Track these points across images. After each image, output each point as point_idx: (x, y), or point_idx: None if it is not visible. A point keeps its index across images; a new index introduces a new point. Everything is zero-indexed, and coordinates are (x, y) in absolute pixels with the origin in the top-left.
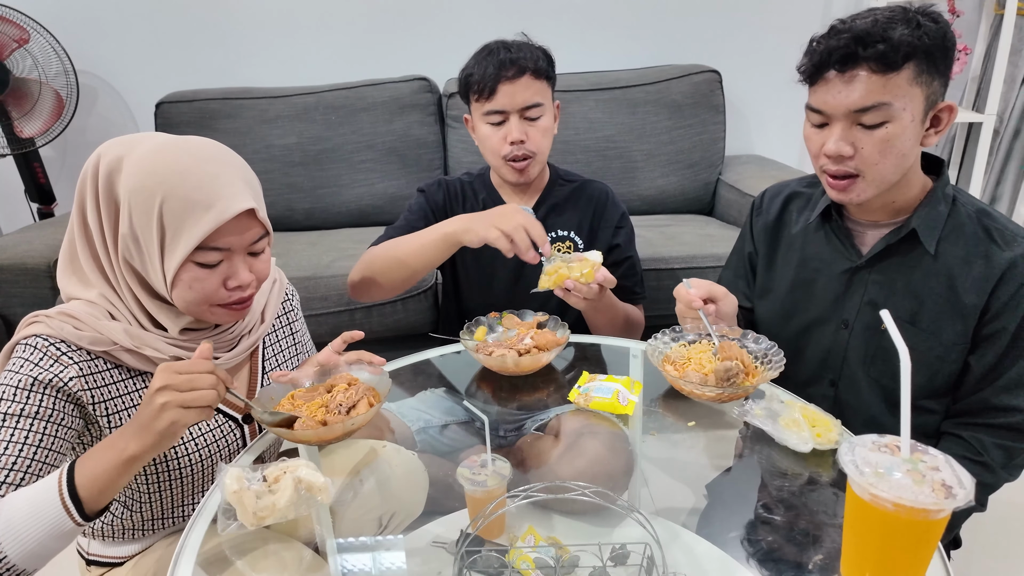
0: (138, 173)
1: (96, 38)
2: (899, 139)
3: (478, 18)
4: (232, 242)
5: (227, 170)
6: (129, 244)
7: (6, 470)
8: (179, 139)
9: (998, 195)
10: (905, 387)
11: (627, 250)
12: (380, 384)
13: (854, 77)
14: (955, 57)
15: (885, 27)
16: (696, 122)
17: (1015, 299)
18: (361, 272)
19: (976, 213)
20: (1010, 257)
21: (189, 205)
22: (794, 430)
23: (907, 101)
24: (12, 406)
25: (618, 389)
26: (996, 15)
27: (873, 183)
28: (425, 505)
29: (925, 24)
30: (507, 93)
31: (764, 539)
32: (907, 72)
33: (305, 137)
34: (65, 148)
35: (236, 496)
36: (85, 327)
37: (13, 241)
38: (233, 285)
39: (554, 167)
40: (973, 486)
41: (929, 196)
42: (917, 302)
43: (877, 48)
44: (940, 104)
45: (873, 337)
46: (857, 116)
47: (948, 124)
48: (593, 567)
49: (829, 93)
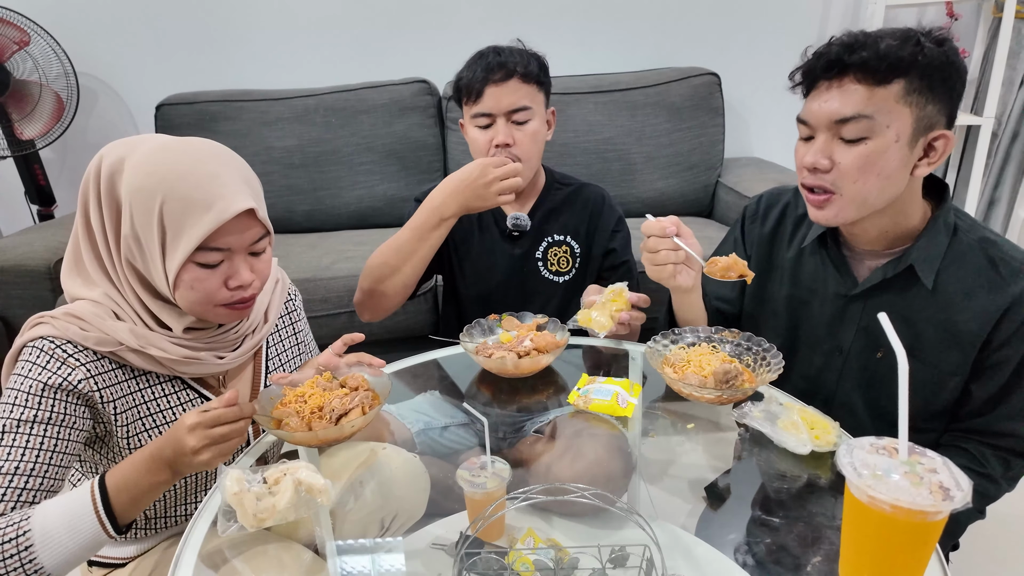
0: (139, 174)
1: (96, 40)
2: (880, 157)
3: (478, 21)
4: (232, 242)
5: (227, 170)
6: (131, 244)
7: (24, 476)
8: (180, 140)
9: (996, 197)
10: (903, 388)
11: (623, 254)
12: (380, 386)
13: (840, 85)
14: (962, 89)
15: (876, 38)
16: (695, 125)
17: (1020, 332)
18: (361, 286)
19: (979, 242)
20: (1015, 292)
21: (189, 205)
22: (793, 432)
23: (892, 118)
24: (25, 412)
25: (617, 391)
26: (994, 18)
27: (852, 203)
28: (426, 507)
29: (926, 44)
30: (494, 95)
31: (763, 541)
32: (896, 88)
33: (305, 139)
34: (65, 150)
35: (236, 498)
36: (91, 327)
37: (13, 243)
38: (234, 285)
39: (550, 171)
40: (971, 488)
41: (929, 226)
42: (914, 332)
43: (861, 55)
44: (935, 132)
45: (870, 363)
46: (839, 128)
47: (943, 155)
48: (592, 569)
49: (815, 102)
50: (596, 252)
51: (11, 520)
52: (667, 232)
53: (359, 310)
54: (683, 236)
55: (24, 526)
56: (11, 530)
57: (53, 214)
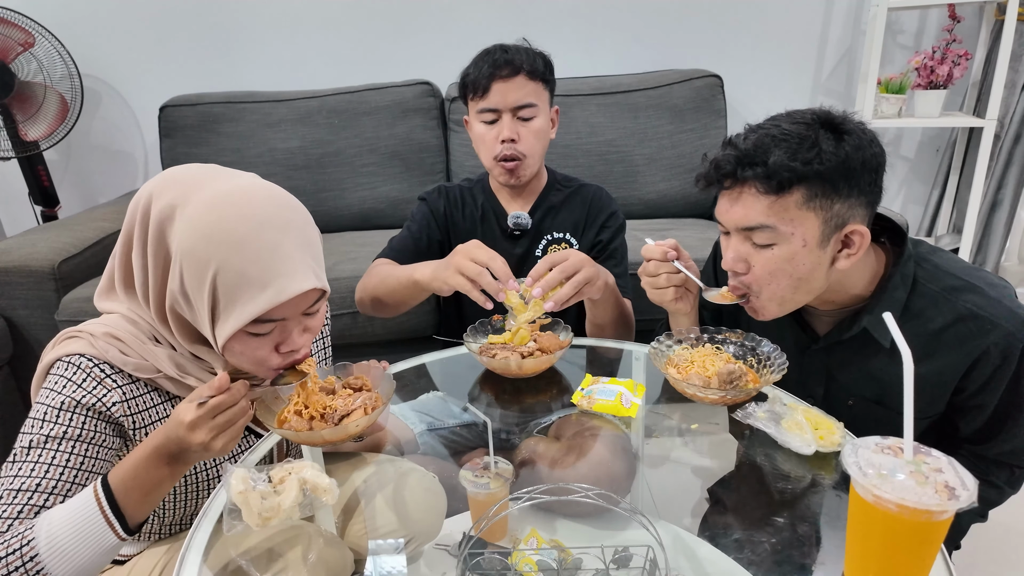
0: (192, 235)
1: (101, 42)
2: (789, 263)
3: (480, 22)
4: (288, 313)
5: (287, 238)
6: (179, 299)
7: (46, 493)
8: (236, 194)
9: (999, 200)
10: (908, 389)
11: (612, 243)
12: (383, 387)
13: (740, 195)
14: (875, 176)
15: (767, 148)
16: (698, 126)
17: (992, 381)
18: (359, 295)
19: (943, 292)
20: (983, 345)
21: (244, 281)
22: (797, 432)
23: (795, 226)
24: (55, 428)
25: (621, 391)
26: (996, 21)
27: (770, 302)
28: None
29: (823, 145)
30: (500, 91)
31: (767, 541)
32: (794, 197)
33: (308, 141)
34: (69, 151)
35: (242, 497)
36: (131, 352)
37: (17, 243)
38: (286, 351)
39: (552, 171)
40: (976, 487)
41: (883, 286)
42: (879, 384)
43: (756, 170)
44: (850, 226)
45: (842, 411)
46: (748, 233)
47: (862, 248)
48: (596, 570)
49: (722, 207)
50: (588, 243)
51: (15, 531)
52: (667, 257)
53: (360, 307)
54: (682, 259)
55: (28, 535)
56: (14, 542)
57: (56, 215)
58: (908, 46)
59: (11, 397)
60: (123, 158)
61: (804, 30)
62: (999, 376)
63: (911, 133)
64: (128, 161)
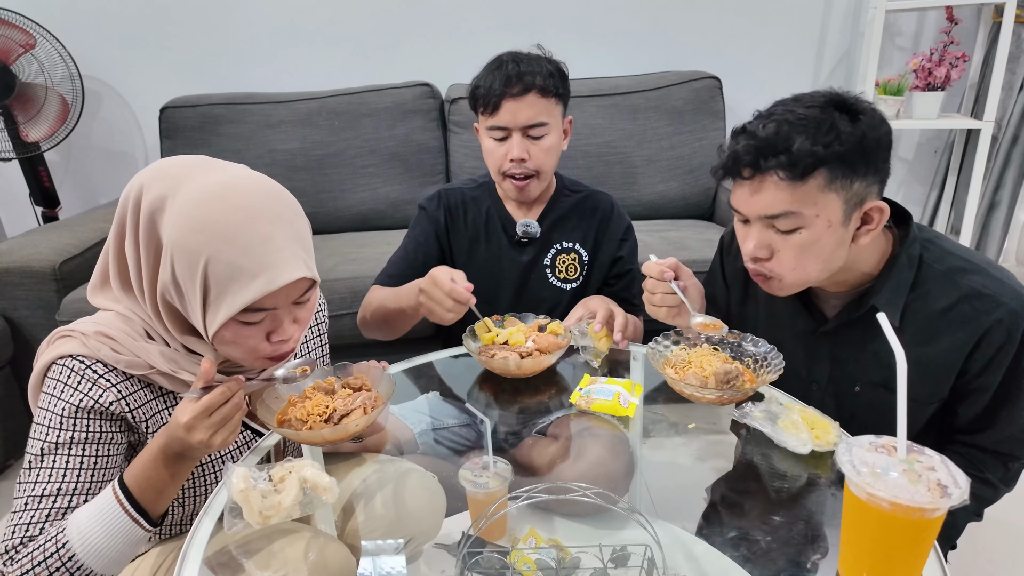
0: (183, 227)
1: (101, 43)
2: (816, 245)
3: (480, 24)
4: (278, 302)
5: (278, 229)
6: (170, 289)
7: (68, 495)
8: (227, 185)
9: (997, 201)
10: (901, 388)
11: (630, 262)
12: (383, 387)
13: (762, 184)
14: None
15: (788, 135)
16: (696, 128)
17: (995, 360)
18: (360, 323)
19: (949, 272)
20: (987, 323)
21: (235, 271)
22: (793, 432)
23: (819, 208)
24: (61, 435)
25: (619, 391)
26: (994, 22)
27: (794, 284)
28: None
29: (840, 127)
30: (510, 110)
31: (763, 540)
32: (816, 180)
33: (308, 142)
34: (70, 152)
35: (243, 495)
36: (123, 349)
37: (18, 244)
38: (277, 339)
39: (560, 176)
40: (968, 486)
41: (890, 265)
42: (886, 367)
43: (779, 159)
44: (869, 203)
45: (848, 398)
46: (771, 221)
47: (880, 223)
48: (594, 568)
49: (742, 197)
50: (603, 259)
51: (48, 535)
52: (665, 277)
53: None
54: (682, 276)
55: (61, 538)
56: (50, 545)
57: (57, 216)
58: (906, 48)
59: (12, 397)
60: (124, 159)
61: (803, 32)
62: (1002, 355)
63: (909, 135)
64: (129, 162)
